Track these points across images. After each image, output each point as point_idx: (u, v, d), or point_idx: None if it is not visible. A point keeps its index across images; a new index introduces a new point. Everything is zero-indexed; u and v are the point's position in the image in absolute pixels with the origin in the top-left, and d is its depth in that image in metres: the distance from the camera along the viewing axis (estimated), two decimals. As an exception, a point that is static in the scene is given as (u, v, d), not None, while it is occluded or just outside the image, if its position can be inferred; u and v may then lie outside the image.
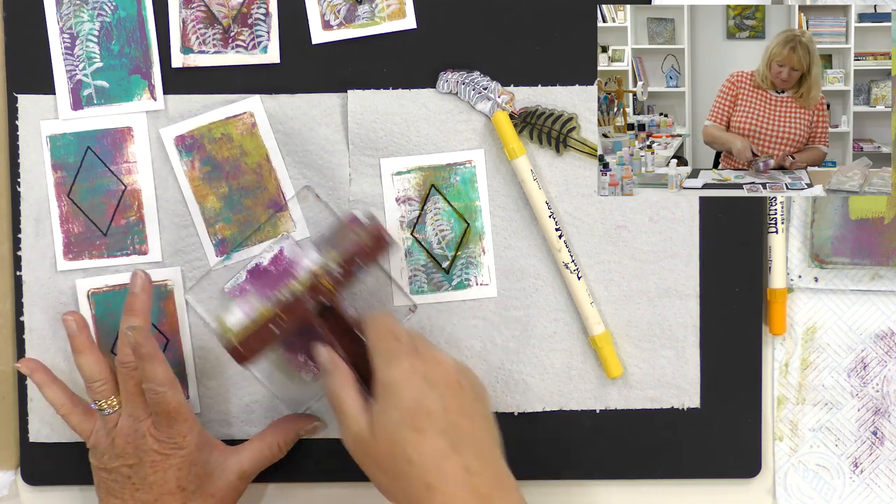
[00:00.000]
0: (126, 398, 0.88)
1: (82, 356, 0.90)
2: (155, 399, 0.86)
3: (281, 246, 0.90)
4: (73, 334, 0.90)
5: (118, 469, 0.87)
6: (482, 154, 0.94)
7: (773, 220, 0.93)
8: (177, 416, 0.87)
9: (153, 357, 0.86)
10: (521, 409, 0.94)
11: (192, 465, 0.87)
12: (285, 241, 0.90)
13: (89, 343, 0.90)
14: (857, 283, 0.94)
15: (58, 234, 0.94)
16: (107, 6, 0.93)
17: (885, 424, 0.95)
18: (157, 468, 0.87)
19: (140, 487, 0.87)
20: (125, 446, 0.87)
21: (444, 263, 0.94)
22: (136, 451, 0.87)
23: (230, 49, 0.93)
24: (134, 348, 0.86)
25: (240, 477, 0.90)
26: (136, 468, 0.87)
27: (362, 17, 0.93)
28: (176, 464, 0.87)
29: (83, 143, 0.94)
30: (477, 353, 0.94)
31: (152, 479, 0.87)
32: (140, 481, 0.87)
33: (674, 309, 0.94)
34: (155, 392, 0.86)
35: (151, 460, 0.87)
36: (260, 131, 0.94)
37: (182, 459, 0.87)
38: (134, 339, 0.86)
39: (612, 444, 0.95)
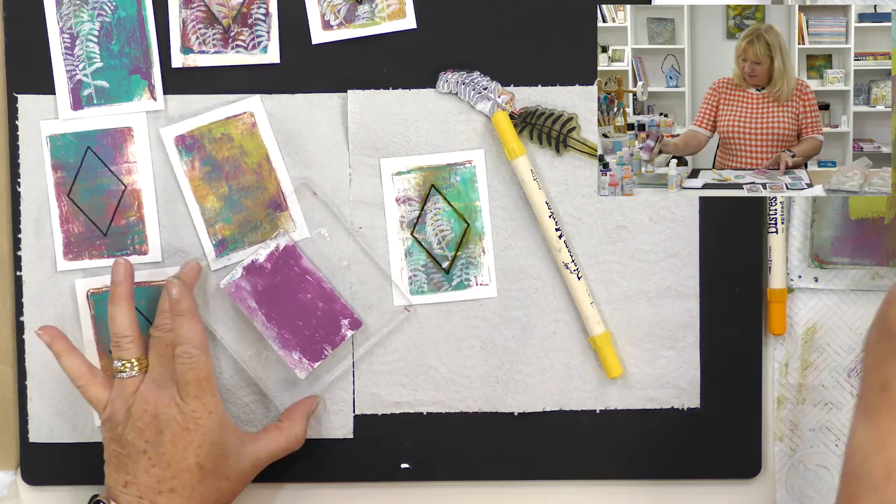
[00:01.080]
0: (155, 362, 0.86)
1: (117, 306, 0.87)
2: (189, 363, 0.84)
3: (277, 243, 0.90)
4: (117, 281, 0.88)
5: (133, 442, 0.85)
6: (482, 154, 0.94)
7: (773, 220, 0.93)
8: (207, 385, 0.85)
9: (193, 314, 0.85)
10: (521, 409, 0.94)
11: (212, 444, 0.85)
12: (282, 238, 0.90)
13: (128, 295, 0.88)
14: (857, 283, 0.94)
15: (58, 234, 0.94)
16: (107, 6, 0.93)
17: (885, 424, 0.94)
18: (178, 442, 0.84)
19: (156, 463, 0.84)
20: (143, 415, 0.85)
21: (444, 263, 0.94)
22: (155, 421, 0.84)
23: (230, 49, 0.93)
24: (173, 303, 0.85)
25: (254, 464, 0.89)
26: (153, 442, 0.84)
27: (362, 17, 0.93)
28: (197, 440, 0.85)
29: (83, 143, 0.94)
30: (477, 353, 0.94)
31: (171, 454, 0.84)
32: (157, 456, 0.84)
33: (674, 309, 0.94)
34: (189, 355, 0.84)
35: (173, 433, 0.84)
36: (260, 131, 0.94)
37: (204, 437, 0.85)
38: (177, 291, 0.85)
39: (612, 444, 0.95)
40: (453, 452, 0.94)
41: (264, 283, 0.91)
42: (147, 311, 0.93)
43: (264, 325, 0.91)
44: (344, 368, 0.93)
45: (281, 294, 0.91)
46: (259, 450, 0.89)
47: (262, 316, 0.91)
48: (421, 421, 0.94)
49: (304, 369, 0.91)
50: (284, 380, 0.93)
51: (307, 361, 0.91)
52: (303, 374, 0.92)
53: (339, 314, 0.91)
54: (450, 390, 0.94)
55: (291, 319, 0.91)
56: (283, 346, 0.91)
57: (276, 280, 0.91)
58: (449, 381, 0.94)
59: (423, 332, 0.94)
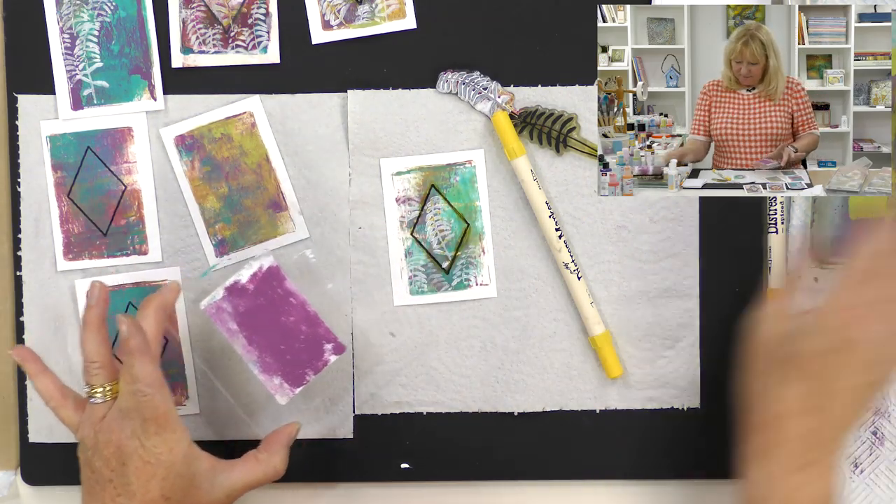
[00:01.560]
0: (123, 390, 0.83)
1: (88, 332, 0.85)
2: (144, 402, 0.81)
3: (261, 263, 0.88)
4: (90, 304, 0.85)
5: (101, 470, 0.82)
6: (482, 154, 0.94)
7: (773, 220, 0.93)
8: (165, 422, 0.82)
9: (142, 353, 0.82)
10: (521, 409, 0.94)
11: (177, 476, 0.82)
12: (265, 259, 0.88)
13: (99, 321, 0.85)
14: (857, 283, 0.94)
15: (58, 234, 0.94)
16: (107, 6, 0.93)
17: (885, 424, 0.95)
18: (141, 475, 0.81)
19: (122, 493, 0.82)
20: (108, 445, 0.82)
21: (444, 263, 0.94)
22: (119, 452, 0.82)
23: (230, 49, 0.93)
24: (123, 341, 0.82)
25: (228, 495, 0.85)
26: (118, 472, 0.82)
27: (362, 17, 0.93)
28: (161, 473, 0.82)
29: (83, 143, 0.94)
30: (477, 353, 0.94)
31: (136, 485, 0.81)
32: (122, 486, 0.82)
33: (674, 309, 0.94)
34: (143, 394, 0.81)
35: (135, 466, 0.82)
36: (260, 131, 0.94)
37: (168, 470, 0.82)
38: (126, 329, 0.82)
39: (612, 444, 0.95)
40: (453, 452, 0.94)
41: (246, 304, 0.88)
42: (147, 311, 0.93)
43: (245, 349, 0.88)
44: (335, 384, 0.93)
45: (263, 316, 0.88)
46: (234, 480, 0.86)
47: (244, 339, 0.88)
48: (421, 421, 0.94)
49: (284, 394, 0.89)
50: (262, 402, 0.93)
51: (288, 386, 0.88)
52: (283, 400, 0.89)
53: (323, 338, 0.89)
54: (450, 390, 0.94)
55: (274, 343, 0.88)
56: (263, 371, 0.88)
57: (259, 302, 0.88)
58: (449, 381, 0.94)
59: (423, 332, 0.94)
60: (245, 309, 0.88)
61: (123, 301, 0.94)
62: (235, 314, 0.88)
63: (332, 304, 0.93)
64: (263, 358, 0.88)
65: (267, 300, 0.88)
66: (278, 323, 0.88)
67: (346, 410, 0.94)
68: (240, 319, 0.88)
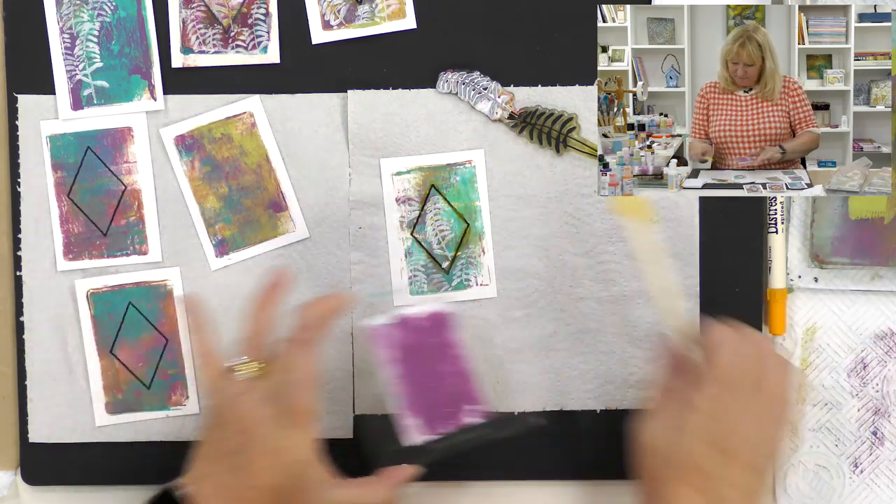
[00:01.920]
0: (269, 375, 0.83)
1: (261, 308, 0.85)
2: (291, 394, 0.81)
3: (442, 307, 0.88)
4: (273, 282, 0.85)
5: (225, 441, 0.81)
6: (482, 154, 0.94)
7: (773, 220, 0.93)
8: (302, 421, 0.81)
9: (310, 348, 0.82)
10: (521, 409, 0.94)
11: (294, 476, 0.81)
12: (445, 305, 0.89)
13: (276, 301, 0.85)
14: (857, 283, 0.94)
15: (58, 234, 0.94)
16: (107, 6, 0.93)
17: (885, 424, 0.95)
18: (264, 461, 0.80)
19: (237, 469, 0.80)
20: (239, 421, 0.81)
21: (444, 264, 0.94)
22: (248, 432, 0.81)
23: (230, 49, 0.93)
24: (299, 329, 0.82)
25: None
26: (241, 451, 0.81)
27: (362, 17, 0.93)
28: (280, 467, 0.81)
29: (83, 143, 0.94)
30: (477, 353, 0.94)
31: (254, 467, 0.80)
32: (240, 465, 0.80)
33: (674, 309, 0.94)
34: (294, 386, 0.81)
35: (260, 450, 0.81)
36: (260, 131, 0.94)
37: (287, 466, 0.81)
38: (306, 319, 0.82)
39: (612, 444, 0.94)
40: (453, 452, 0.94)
41: (414, 339, 0.88)
42: (147, 311, 0.93)
43: (394, 379, 0.87)
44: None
45: (424, 356, 0.88)
46: (339, 498, 0.84)
47: (399, 370, 0.87)
48: (421, 421, 0.94)
49: (412, 436, 0.88)
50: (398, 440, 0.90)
51: (418, 430, 0.88)
52: (408, 441, 0.88)
53: (469, 397, 0.88)
54: (450, 390, 0.94)
55: (423, 384, 0.88)
56: (405, 406, 0.88)
57: (425, 340, 0.88)
58: (449, 381, 0.94)
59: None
60: (411, 343, 0.88)
61: (123, 301, 0.94)
62: (401, 344, 0.87)
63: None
64: (408, 393, 0.87)
65: (434, 342, 0.88)
66: (435, 368, 0.88)
67: (346, 410, 0.94)
68: (402, 350, 0.87)
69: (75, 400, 0.94)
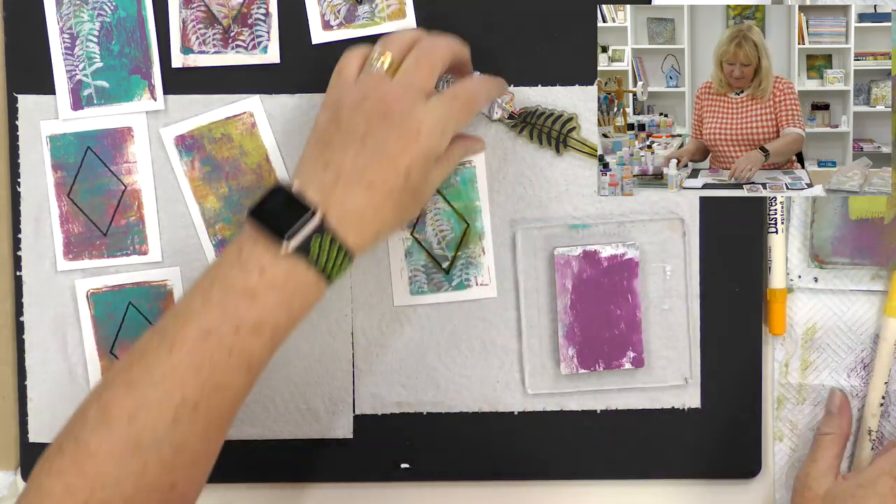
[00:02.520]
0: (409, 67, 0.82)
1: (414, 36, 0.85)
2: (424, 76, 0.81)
3: (626, 251, 0.91)
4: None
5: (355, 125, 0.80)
6: (482, 154, 0.93)
7: (773, 220, 0.93)
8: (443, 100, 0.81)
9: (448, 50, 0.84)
10: (520, 409, 0.94)
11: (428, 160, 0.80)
12: (632, 250, 0.91)
13: None
14: (857, 283, 0.94)
15: (58, 234, 0.94)
16: (107, 6, 0.93)
17: (885, 424, 0.95)
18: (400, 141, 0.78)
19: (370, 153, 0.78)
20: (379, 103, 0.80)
21: (444, 264, 0.94)
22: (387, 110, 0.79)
23: (230, 49, 0.93)
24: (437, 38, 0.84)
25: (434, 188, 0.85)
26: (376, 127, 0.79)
27: (362, 18, 0.93)
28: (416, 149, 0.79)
29: (83, 143, 0.94)
30: (477, 353, 0.94)
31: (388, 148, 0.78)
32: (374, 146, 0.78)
33: (674, 309, 0.94)
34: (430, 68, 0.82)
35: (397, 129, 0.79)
36: (260, 131, 0.94)
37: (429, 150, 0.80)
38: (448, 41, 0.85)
39: (612, 444, 0.95)
40: (453, 452, 0.94)
41: (592, 274, 0.91)
42: (147, 311, 0.93)
43: (564, 309, 0.91)
44: None
45: (599, 294, 0.91)
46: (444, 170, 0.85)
47: (569, 300, 0.91)
48: (421, 421, 0.94)
49: (570, 366, 0.92)
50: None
51: (577, 363, 0.91)
52: (566, 370, 0.92)
53: (631, 345, 0.91)
54: (450, 390, 0.94)
55: (590, 320, 0.91)
56: (565, 335, 0.91)
57: (604, 280, 0.91)
58: (449, 381, 0.94)
59: (423, 332, 0.94)
60: (588, 277, 0.90)
61: (123, 301, 0.94)
62: (578, 276, 0.90)
63: (333, 304, 0.93)
64: (573, 326, 0.91)
65: (611, 283, 0.91)
66: (606, 308, 0.91)
67: (346, 410, 0.94)
68: (578, 283, 0.91)
69: (75, 400, 0.93)
